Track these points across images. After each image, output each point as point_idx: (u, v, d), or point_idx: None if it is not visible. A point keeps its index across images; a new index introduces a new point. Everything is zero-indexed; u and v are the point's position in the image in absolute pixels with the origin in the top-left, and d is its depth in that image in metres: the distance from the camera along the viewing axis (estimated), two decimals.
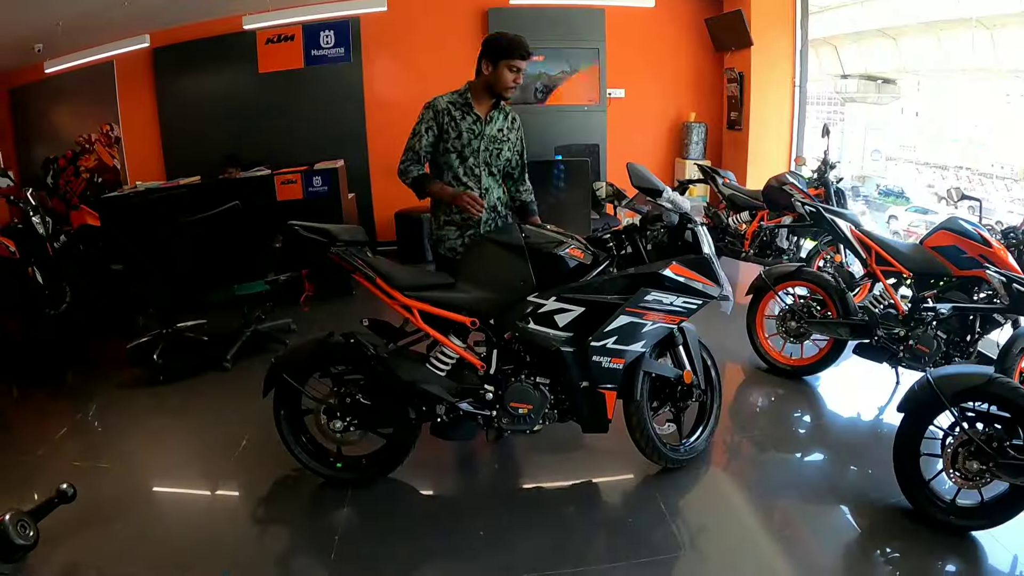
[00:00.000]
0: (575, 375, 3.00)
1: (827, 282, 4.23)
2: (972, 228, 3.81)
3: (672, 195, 3.13)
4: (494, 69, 3.26)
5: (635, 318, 2.98)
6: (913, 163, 12.11)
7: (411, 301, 2.95)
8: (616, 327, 2.97)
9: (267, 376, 3.15)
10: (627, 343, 3.01)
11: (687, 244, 3.14)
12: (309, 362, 3.14)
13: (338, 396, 3.11)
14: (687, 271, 3.04)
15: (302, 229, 2.93)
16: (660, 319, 3.04)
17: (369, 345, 3.00)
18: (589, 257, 3.08)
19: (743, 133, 8.31)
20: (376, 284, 2.93)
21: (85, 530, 2.98)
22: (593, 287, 3.01)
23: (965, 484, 2.72)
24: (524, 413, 3.05)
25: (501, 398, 3.04)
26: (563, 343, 2.99)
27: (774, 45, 7.97)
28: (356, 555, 2.83)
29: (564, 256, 3.03)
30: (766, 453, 3.61)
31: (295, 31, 7.72)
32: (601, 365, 3.00)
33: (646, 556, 2.75)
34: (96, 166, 8.08)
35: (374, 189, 8.20)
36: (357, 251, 2.97)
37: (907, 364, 3.93)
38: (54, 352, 5.53)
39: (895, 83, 11.31)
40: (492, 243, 3.12)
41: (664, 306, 3.02)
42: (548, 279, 3.01)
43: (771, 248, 6.26)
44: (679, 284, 3.02)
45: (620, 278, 3.03)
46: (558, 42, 7.98)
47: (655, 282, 2.99)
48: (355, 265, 2.92)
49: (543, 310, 2.97)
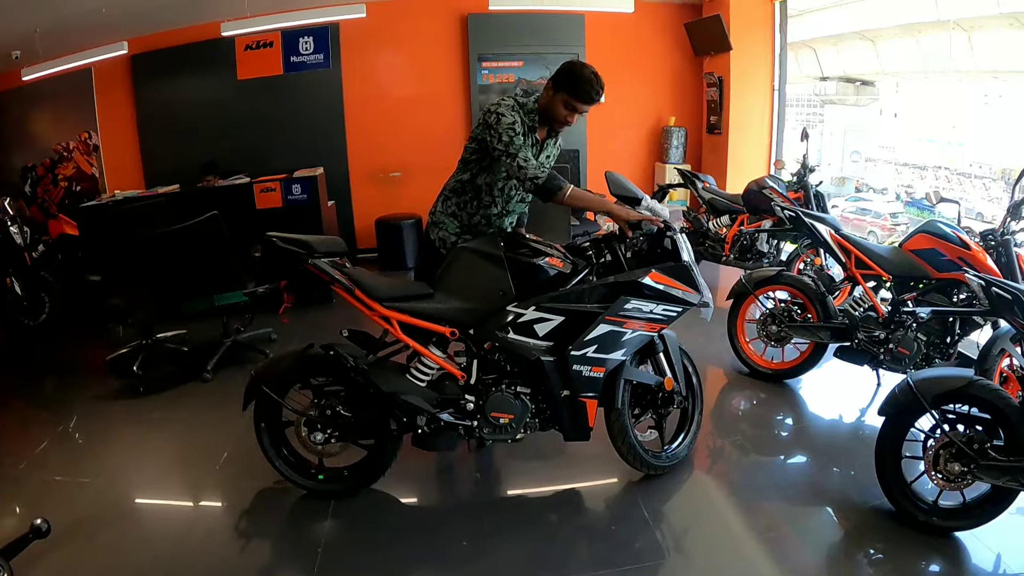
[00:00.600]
0: (555, 384, 3.00)
1: (807, 286, 4.25)
2: (950, 231, 3.84)
3: (651, 203, 3.11)
4: (552, 96, 3.07)
5: (615, 327, 2.98)
6: (892, 164, 12.22)
7: (390, 312, 2.94)
8: (596, 336, 2.96)
9: (247, 389, 3.13)
10: (607, 352, 3.01)
11: (666, 251, 3.12)
12: (289, 374, 3.11)
13: (318, 408, 3.09)
14: (667, 279, 3.03)
15: (279, 241, 2.90)
16: (640, 327, 3.03)
17: (349, 357, 2.97)
18: (568, 266, 3.07)
19: (723, 137, 8.33)
20: (355, 295, 2.92)
21: (65, 546, 2.94)
22: (572, 296, 2.99)
23: (947, 486, 2.74)
24: (505, 423, 3.04)
25: (482, 408, 3.04)
26: (543, 352, 2.98)
27: (753, 49, 8.01)
28: (339, 567, 2.81)
29: (543, 266, 3.02)
30: (748, 457, 3.61)
31: (274, 37, 7.67)
32: (582, 374, 2.99)
33: (630, 563, 2.75)
34: (74, 174, 7.99)
35: (354, 196, 8.15)
36: (335, 262, 2.95)
37: (888, 366, 3.96)
38: (33, 364, 5.47)
39: (874, 85, 11.41)
40: (471, 253, 3.07)
41: (644, 314, 3.01)
42: (527, 289, 2.99)
43: (751, 252, 6.26)
44: (659, 292, 3.00)
45: (599, 287, 3.00)
46: (537, 48, 7.96)
47: (634, 290, 2.97)
48: (333, 277, 2.90)
49: (522, 320, 2.96)
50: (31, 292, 5.90)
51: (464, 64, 8.00)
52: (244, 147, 7.71)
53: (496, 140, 2.96)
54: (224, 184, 6.64)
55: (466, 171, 3.20)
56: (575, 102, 3.03)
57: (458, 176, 3.24)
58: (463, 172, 3.21)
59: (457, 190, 3.24)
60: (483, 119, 3.04)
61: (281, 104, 7.91)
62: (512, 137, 2.95)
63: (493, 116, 2.99)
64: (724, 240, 6.39)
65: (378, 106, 7.95)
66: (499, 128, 2.96)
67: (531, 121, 3.12)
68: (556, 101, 3.06)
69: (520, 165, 2.93)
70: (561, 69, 3.06)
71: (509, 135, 2.95)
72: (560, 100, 3.05)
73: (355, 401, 3.08)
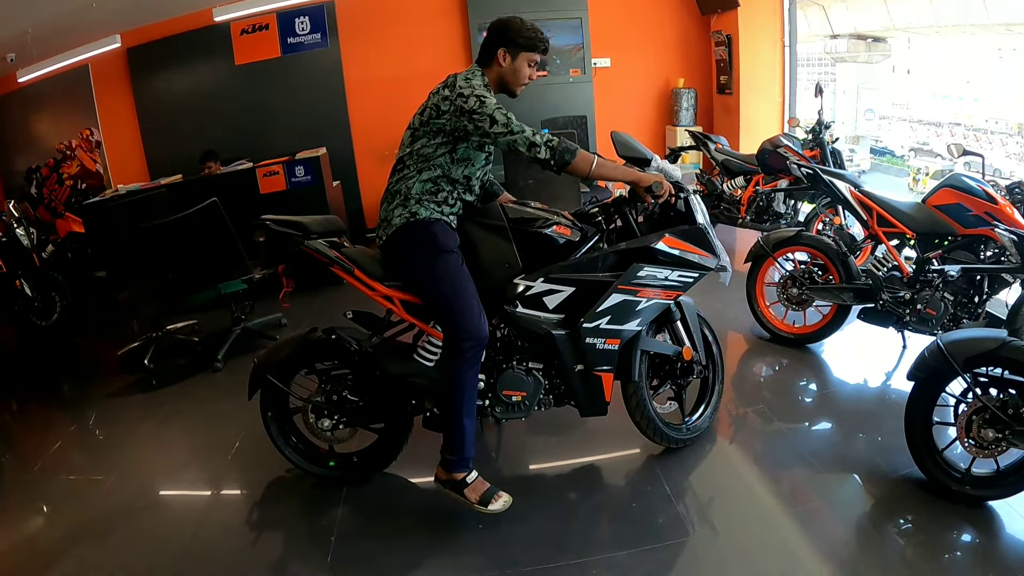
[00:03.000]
0: (568, 359, 2.88)
1: (828, 246, 4.12)
2: (976, 185, 3.71)
3: (661, 164, 2.98)
4: (513, 61, 2.77)
5: (628, 295, 2.85)
6: (907, 121, 12.00)
7: (392, 291, 2.84)
8: (609, 306, 2.83)
9: (251, 377, 3.06)
10: (621, 322, 2.88)
11: (680, 214, 2.97)
12: (292, 361, 3.04)
13: (325, 394, 3.02)
14: (681, 243, 2.90)
15: (274, 224, 2.83)
16: (655, 295, 2.91)
17: (352, 341, 2.90)
18: (577, 234, 2.92)
19: (734, 97, 8.16)
20: (354, 275, 2.83)
21: (81, 545, 2.96)
22: (582, 265, 2.86)
23: (980, 453, 2.62)
24: (518, 400, 2.94)
25: (493, 386, 2.93)
26: (554, 326, 2.85)
27: (761, 5, 7.82)
28: (354, 554, 2.76)
29: (550, 235, 2.88)
30: (772, 425, 3.51)
31: (269, 20, 7.57)
32: (595, 347, 2.87)
33: (652, 542, 2.67)
34: (79, 172, 7.93)
35: (360, 175, 8.11)
36: (333, 242, 2.87)
37: (914, 328, 3.83)
38: (46, 364, 5.48)
39: (885, 41, 11.17)
40: (473, 225, 2.90)
41: (659, 281, 2.88)
42: (534, 260, 2.86)
43: (768, 213, 6.14)
44: (673, 257, 2.88)
45: (610, 254, 2.88)
46: (539, 14, 7.75)
47: (648, 256, 2.85)
48: (330, 257, 2.82)
49: (531, 292, 2.83)
50: (41, 292, 5.89)
51: (465, 35, 7.90)
52: (246, 132, 7.67)
53: (488, 124, 2.64)
54: (226, 170, 6.58)
55: (433, 167, 2.76)
56: (538, 55, 2.82)
57: (423, 176, 2.77)
58: (429, 169, 2.77)
59: (430, 191, 2.78)
60: (455, 105, 2.66)
61: (281, 87, 7.83)
62: (506, 115, 2.66)
63: (473, 100, 2.64)
64: (739, 202, 6.25)
65: (379, 83, 7.85)
66: (485, 111, 2.63)
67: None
68: (521, 63, 2.78)
69: (534, 141, 2.65)
70: (509, 31, 2.75)
71: (503, 114, 2.66)
72: (525, 60, 2.79)
73: (362, 385, 3.01)
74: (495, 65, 2.79)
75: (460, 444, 2.76)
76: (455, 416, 2.75)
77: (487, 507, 2.75)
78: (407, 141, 2.80)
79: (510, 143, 2.66)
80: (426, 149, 2.75)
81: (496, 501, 2.77)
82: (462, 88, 2.67)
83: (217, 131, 7.55)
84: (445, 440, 2.81)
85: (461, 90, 2.67)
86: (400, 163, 2.82)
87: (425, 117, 2.73)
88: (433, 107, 2.71)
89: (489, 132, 2.64)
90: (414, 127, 2.79)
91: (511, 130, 2.64)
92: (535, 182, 6.08)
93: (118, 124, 7.89)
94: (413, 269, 2.80)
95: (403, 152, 2.81)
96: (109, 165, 7.98)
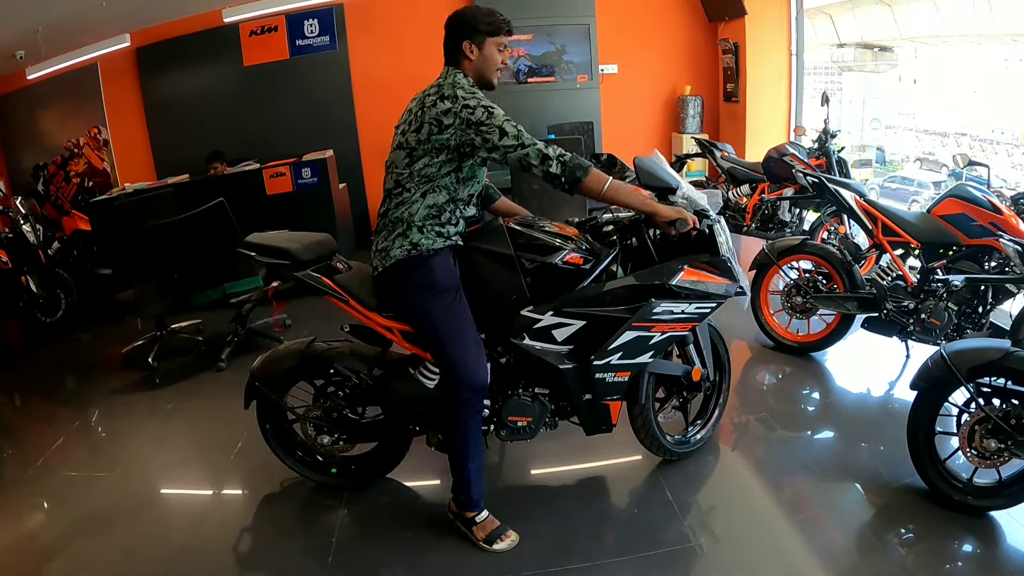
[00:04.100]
0: (577, 390, 2.78)
1: (832, 255, 4.11)
2: (981, 195, 3.70)
3: (688, 190, 2.74)
4: (481, 51, 2.57)
5: (642, 332, 2.72)
6: (913, 130, 11.98)
7: (390, 322, 2.71)
8: (622, 343, 2.71)
9: (247, 388, 3.01)
10: (633, 357, 2.76)
11: (702, 236, 2.75)
12: (289, 375, 2.97)
13: (324, 410, 2.96)
14: (701, 274, 2.75)
15: (258, 254, 2.75)
16: (670, 329, 2.77)
17: (351, 374, 2.86)
18: (589, 261, 2.74)
19: (740, 105, 8.17)
20: (350, 305, 2.72)
21: (84, 540, 2.98)
22: (594, 299, 2.70)
23: (982, 463, 2.62)
24: (524, 426, 2.87)
25: (499, 412, 2.84)
26: (563, 359, 2.74)
27: (769, 13, 7.83)
28: (355, 557, 2.76)
29: (559, 265, 2.70)
30: (774, 433, 3.50)
31: (278, 21, 7.60)
32: (605, 381, 2.77)
33: (654, 548, 2.66)
34: (86, 170, 8.00)
35: (367, 178, 8.12)
36: (328, 265, 2.79)
37: (917, 338, 3.82)
38: (51, 360, 5.49)
39: (892, 51, 11.16)
40: (478, 253, 2.70)
41: (675, 315, 2.74)
42: (543, 287, 2.70)
43: (773, 221, 6.14)
44: (692, 290, 2.73)
45: (624, 289, 2.71)
46: (546, 20, 7.80)
47: (665, 292, 2.70)
48: (323, 289, 2.72)
49: (539, 325, 2.70)
50: (47, 289, 5.90)
51: None
52: (253, 133, 7.69)
53: (498, 137, 2.43)
54: (232, 171, 6.59)
55: (438, 190, 2.55)
56: (503, 38, 2.61)
57: (427, 201, 2.55)
58: (434, 192, 2.55)
59: (434, 215, 2.57)
60: (459, 117, 2.44)
61: (289, 89, 7.86)
62: (516, 126, 2.46)
63: (481, 111, 2.44)
64: (744, 210, 6.26)
65: (387, 86, 7.79)
66: (494, 122, 2.43)
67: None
68: (490, 51, 2.58)
69: (547, 154, 2.44)
70: (467, 22, 2.56)
71: (512, 125, 2.45)
72: (494, 46, 2.58)
73: (363, 404, 2.98)
74: (464, 61, 2.59)
75: (467, 487, 2.71)
76: (459, 462, 2.68)
77: (492, 546, 2.69)
78: (402, 162, 2.54)
79: (521, 158, 2.44)
80: (429, 169, 2.52)
81: (502, 541, 2.70)
82: (466, 99, 2.46)
83: (224, 132, 7.56)
84: (453, 480, 2.74)
85: (465, 101, 2.45)
86: (398, 187, 2.56)
87: (424, 134, 2.47)
88: (433, 121, 2.46)
89: (498, 146, 2.44)
90: (410, 146, 2.51)
91: (522, 143, 2.44)
92: (539, 187, 6.06)
93: (126, 123, 7.93)
94: (409, 308, 2.64)
95: (399, 175, 2.56)
96: (116, 164, 8.03)
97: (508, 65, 2.75)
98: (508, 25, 2.61)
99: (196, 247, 4.61)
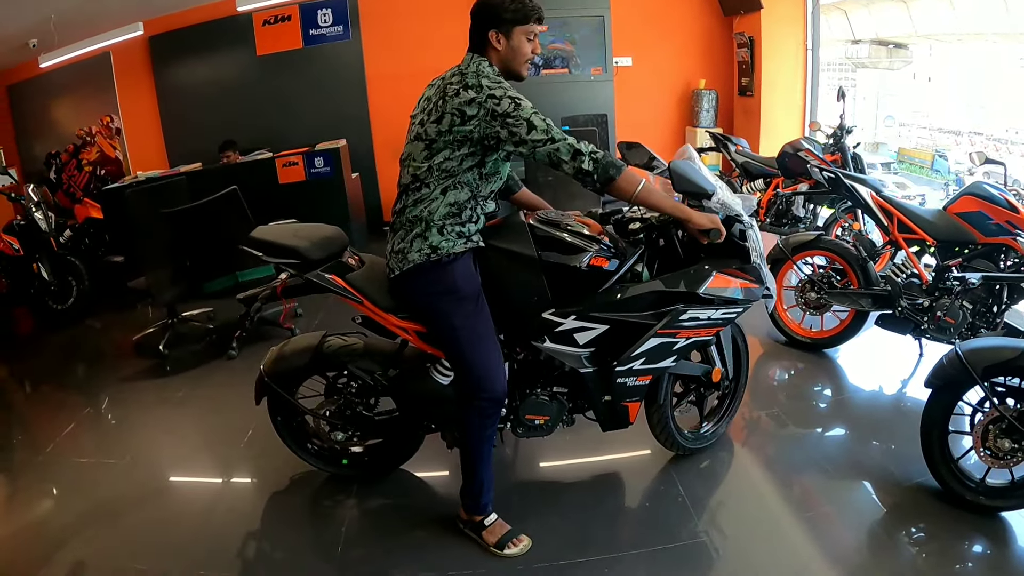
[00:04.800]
0: (597, 392, 2.74)
1: (847, 251, 4.08)
2: (998, 193, 3.66)
3: (724, 196, 2.62)
4: (509, 41, 2.41)
5: (668, 338, 2.65)
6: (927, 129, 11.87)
7: (405, 323, 2.64)
8: (646, 349, 2.64)
9: (257, 384, 2.97)
10: (656, 362, 2.70)
11: (732, 240, 2.69)
12: (301, 371, 2.95)
13: (337, 406, 2.94)
14: (730, 280, 2.67)
15: (266, 253, 2.70)
16: (696, 335, 2.71)
17: (366, 374, 2.84)
18: (614, 263, 2.63)
19: (755, 99, 8.12)
20: (364, 305, 2.65)
21: (93, 527, 2.99)
22: (619, 304, 2.61)
23: (995, 463, 2.60)
24: (540, 424, 2.84)
25: (516, 410, 2.80)
26: (583, 362, 2.69)
27: (784, 8, 7.77)
28: (364, 547, 2.76)
29: (583, 268, 2.59)
30: (786, 429, 3.48)
31: (291, 11, 7.60)
32: (626, 384, 2.72)
33: (664, 543, 2.66)
34: (98, 158, 8.02)
35: (379, 168, 8.11)
36: (340, 262, 2.72)
37: (931, 336, 3.79)
38: (61, 347, 5.52)
39: (907, 48, 11.04)
40: (499, 254, 2.58)
41: (701, 322, 2.66)
42: (565, 288, 2.60)
43: (787, 217, 6.11)
44: (720, 296, 2.65)
45: (650, 294, 2.62)
46: (561, 11, 7.72)
47: (693, 299, 2.62)
48: (336, 290, 2.65)
49: (561, 329, 2.62)
50: (58, 276, 5.93)
51: None
52: (266, 123, 7.70)
53: (526, 130, 2.29)
54: (244, 160, 6.60)
55: (460, 187, 2.43)
56: (534, 26, 2.44)
57: (448, 198, 2.43)
58: (456, 189, 2.43)
59: (454, 214, 2.45)
60: (484, 108, 2.30)
61: (302, 78, 7.85)
62: (544, 119, 2.32)
63: (507, 102, 2.30)
64: (759, 205, 6.21)
65: (401, 76, 7.77)
66: (522, 114, 2.29)
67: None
68: (518, 41, 2.42)
69: (579, 149, 2.32)
70: (490, 11, 2.41)
71: (541, 118, 2.32)
72: (522, 35, 2.42)
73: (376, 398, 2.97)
74: (490, 51, 2.44)
75: (477, 492, 2.66)
76: (471, 468, 2.63)
77: (503, 551, 2.63)
78: (420, 155, 2.41)
79: (551, 153, 2.31)
80: (449, 163, 2.38)
81: (514, 546, 2.64)
82: (491, 88, 2.31)
83: (237, 121, 7.57)
84: (463, 483, 2.69)
85: (491, 90, 2.31)
86: (416, 181, 2.44)
87: (445, 125, 2.34)
88: (456, 112, 2.32)
89: (526, 139, 2.30)
90: (429, 138, 2.38)
91: (552, 137, 2.31)
92: (553, 178, 6.02)
93: (138, 112, 7.94)
94: (428, 313, 2.55)
95: (417, 168, 2.42)
96: (129, 152, 8.04)
97: (538, 55, 2.55)
98: (538, 12, 2.44)
99: (208, 235, 4.61)
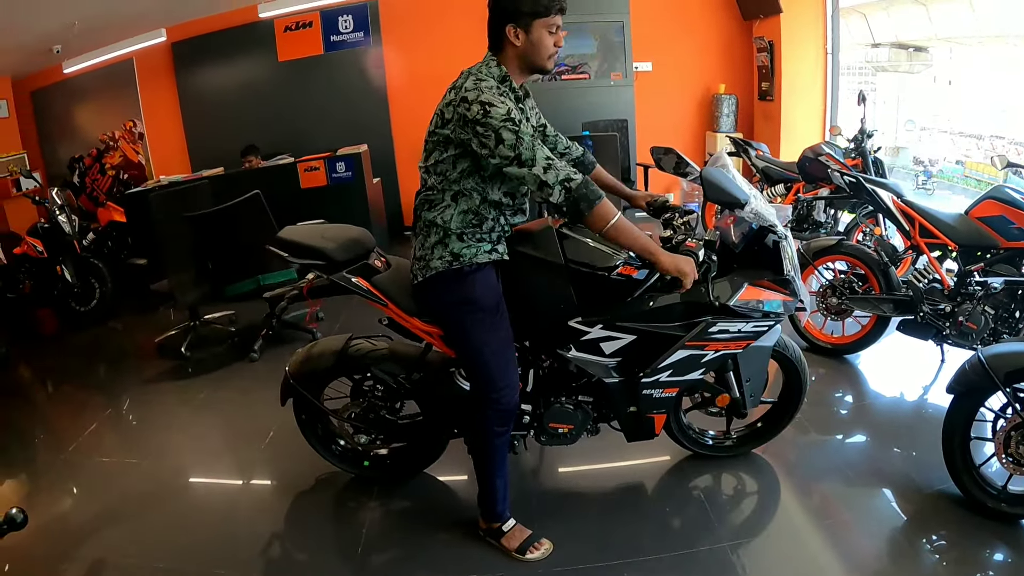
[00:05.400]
0: (622, 403, 2.72)
1: (868, 256, 4.05)
2: (1021, 197, 3.62)
3: (757, 205, 2.53)
4: (528, 35, 2.28)
5: (696, 351, 2.60)
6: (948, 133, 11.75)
7: (431, 327, 2.63)
8: (673, 362, 2.61)
9: (282, 386, 2.99)
10: (683, 374, 2.66)
11: (766, 250, 2.64)
12: (326, 373, 2.96)
13: (362, 409, 2.95)
14: (761, 292, 2.59)
15: (291, 254, 2.70)
16: (724, 347, 2.65)
17: (390, 378, 2.84)
18: (643, 273, 2.56)
19: (775, 104, 8.07)
20: (389, 308, 2.66)
21: (114, 525, 3.02)
22: (648, 314, 2.56)
23: (1018, 470, 2.56)
24: (564, 432, 2.83)
25: (540, 417, 2.79)
26: (609, 372, 2.67)
27: (804, 12, 7.71)
28: (385, 549, 2.78)
29: (614, 277, 2.55)
30: (806, 435, 3.45)
31: (313, 17, 7.67)
32: (652, 396, 2.69)
33: (682, 548, 2.65)
34: (121, 163, 8.13)
35: (400, 173, 8.15)
36: (366, 264, 2.72)
37: (953, 341, 3.75)
38: (84, 348, 5.57)
39: (927, 51, 10.95)
40: (527, 258, 2.54)
41: (731, 334, 2.61)
42: (593, 297, 2.57)
43: (808, 221, 6.07)
44: (751, 309, 2.58)
45: (679, 305, 2.56)
46: (580, 17, 7.70)
47: (724, 310, 2.57)
48: (362, 293, 2.66)
49: (587, 338, 2.59)
50: (81, 279, 6.00)
51: None
52: (288, 128, 7.77)
53: (493, 143, 2.16)
54: (266, 165, 6.66)
55: (468, 194, 2.35)
56: (555, 18, 2.29)
57: (460, 206, 2.36)
58: (465, 196, 2.35)
59: (472, 223, 2.38)
60: (457, 112, 2.22)
61: (323, 84, 7.91)
62: (517, 133, 2.15)
63: (476, 107, 2.16)
64: None
65: (422, 81, 7.79)
66: (491, 122, 2.15)
67: (511, 89, 2.35)
68: (539, 34, 2.28)
69: (545, 180, 2.17)
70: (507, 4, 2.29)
71: (512, 132, 2.15)
72: (543, 28, 2.28)
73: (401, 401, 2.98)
74: (508, 47, 2.32)
75: (492, 499, 2.65)
76: (484, 476, 2.62)
77: (524, 556, 2.61)
78: (423, 155, 2.42)
79: (516, 177, 2.20)
80: (442, 166, 2.33)
81: (535, 551, 2.62)
82: (467, 91, 2.21)
83: (259, 126, 7.65)
84: (479, 491, 2.68)
85: (465, 93, 2.21)
86: (422, 181, 2.44)
87: (432, 126, 2.32)
88: (438, 112, 2.31)
89: (494, 153, 2.17)
90: (425, 138, 2.39)
91: (519, 157, 2.15)
92: None
93: (161, 117, 8.05)
94: (445, 321, 2.53)
95: (422, 168, 2.43)
96: (151, 157, 8.14)
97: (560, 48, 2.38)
98: (560, 2, 2.29)
99: (230, 239, 4.66)
